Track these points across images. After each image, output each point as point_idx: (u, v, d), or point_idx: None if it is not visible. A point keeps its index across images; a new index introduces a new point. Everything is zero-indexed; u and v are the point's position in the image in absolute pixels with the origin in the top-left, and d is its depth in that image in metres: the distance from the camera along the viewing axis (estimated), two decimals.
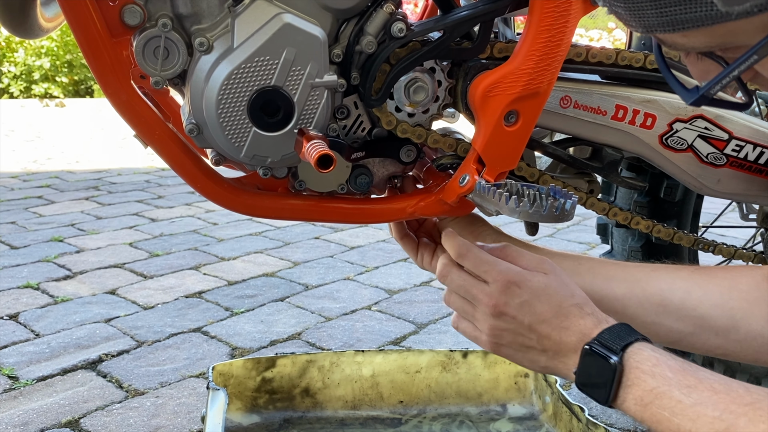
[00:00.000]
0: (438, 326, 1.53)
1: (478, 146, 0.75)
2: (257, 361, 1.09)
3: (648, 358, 0.57)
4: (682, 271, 0.69)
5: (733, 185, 0.92)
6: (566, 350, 0.62)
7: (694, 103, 0.49)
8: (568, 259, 0.74)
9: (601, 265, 0.73)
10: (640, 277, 0.70)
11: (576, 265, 0.73)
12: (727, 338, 0.64)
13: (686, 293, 0.66)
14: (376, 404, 1.13)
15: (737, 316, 0.63)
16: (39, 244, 2.12)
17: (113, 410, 1.15)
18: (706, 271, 0.69)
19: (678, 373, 0.55)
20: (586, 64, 0.81)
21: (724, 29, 0.42)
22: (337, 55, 0.71)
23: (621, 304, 0.69)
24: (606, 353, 0.58)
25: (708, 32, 0.42)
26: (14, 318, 1.54)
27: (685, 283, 0.67)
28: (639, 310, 0.68)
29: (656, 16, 0.42)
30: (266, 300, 1.68)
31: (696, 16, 0.41)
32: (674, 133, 0.86)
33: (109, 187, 3.07)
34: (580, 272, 0.72)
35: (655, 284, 0.68)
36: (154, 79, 0.68)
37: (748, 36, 0.42)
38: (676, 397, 0.53)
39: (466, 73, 0.75)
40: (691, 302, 0.66)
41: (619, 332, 0.59)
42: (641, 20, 0.43)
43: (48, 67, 5.21)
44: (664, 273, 0.70)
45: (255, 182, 0.79)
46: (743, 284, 0.65)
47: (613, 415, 1.16)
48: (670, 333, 0.67)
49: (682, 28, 0.42)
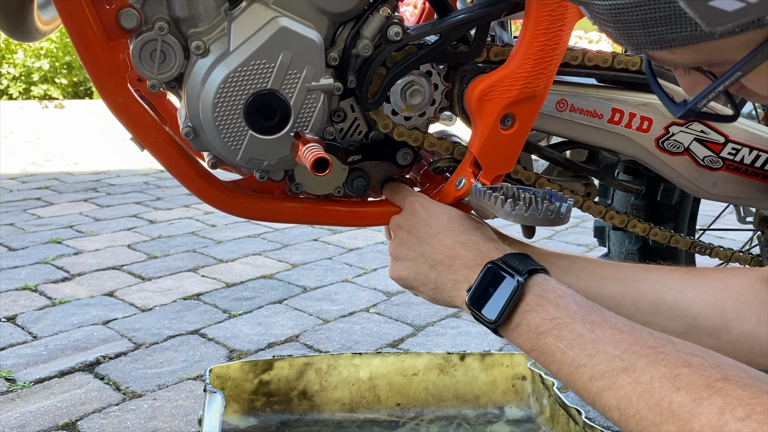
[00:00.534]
0: (436, 329, 1.53)
1: (474, 149, 0.75)
2: (254, 364, 1.09)
3: (554, 288, 0.56)
4: (676, 272, 0.70)
5: (730, 188, 0.92)
6: (458, 265, 0.61)
7: (682, 116, 0.51)
8: (563, 258, 0.75)
9: (596, 264, 0.74)
10: (634, 276, 0.70)
11: (571, 263, 0.74)
12: (719, 339, 0.64)
13: (679, 293, 0.67)
14: (373, 407, 1.13)
15: (729, 317, 0.64)
16: (37, 246, 2.12)
17: (110, 413, 1.15)
18: (700, 272, 0.70)
19: (583, 309, 0.54)
20: (582, 67, 0.82)
21: (709, 47, 0.43)
22: (333, 59, 0.71)
23: (615, 303, 0.69)
24: (510, 272, 0.57)
25: (694, 50, 0.44)
26: (12, 320, 1.54)
27: (678, 284, 0.68)
28: (632, 310, 0.69)
29: (644, 36, 0.44)
30: (264, 302, 1.68)
31: (681, 35, 0.42)
32: (670, 136, 0.86)
33: (107, 188, 3.07)
34: (575, 271, 0.72)
35: (648, 284, 0.69)
36: (151, 82, 0.68)
37: (732, 53, 0.44)
38: (578, 330, 0.52)
39: (463, 76, 0.76)
40: (684, 302, 0.66)
41: (525, 259, 0.59)
42: (630, 39, 0.45)
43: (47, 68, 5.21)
44: (657, 273, 0.70)
45: (252, 185, 0.79)
46: (736, 285, 0.65)
47: None
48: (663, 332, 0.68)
49: (669, 46, 0.44)
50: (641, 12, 0.42)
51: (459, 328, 1.53)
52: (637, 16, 0.43)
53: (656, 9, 0.41)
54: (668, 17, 0.42)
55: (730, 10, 0.40)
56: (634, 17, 0.43)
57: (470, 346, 1.43)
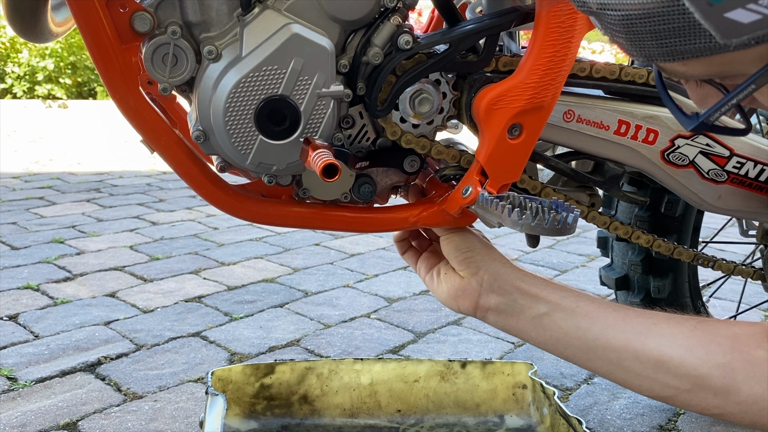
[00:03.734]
0: (437, 335, 1.53)
1: (481, 158, 0.76)
2: (256, 367, 1.10)
3: None
4: (684, 326, 0.66)
5: (734, 202, 0.92)
6: None
7: (694, 129, 0.50)
8: (566, 299, 0.72)
9: (600, 310, 0.70)
10: (641, 330, 0.67)
11: (573, 307, 0.71)
12: (726, 400, 0.61)
13: (687, 351, 0.63)
14: (374, 413, 1.13)
15: (739, 378, 0.60)
16: (39, 246, 2.12)
17: (111, 413, 1.16)
18: (709, 329, 0.65)
19: None
20: (589, 78, 0.82)
21: (722, 59, 0.43)
22: (343, 66, 0.71)
23: (616, 356, 0.67)
24: None
25: (707, 62, 0.44)
26: (14, 319, 1.54)
27: (686, 341, 0.64)
28: (634, 364, 0.66)
29: (656, 47, 0.43)
30: (265, 306, 1.68)
31: (695, 47, 0.42)
32: (676, 149, 0.87)
33: (110, 189, 3.08)
34: (577, 316, 0.70)
35: (655, 340, 0.65)
36: (162, 85, 0.68)
37: (746, 66, 0.43)
38: None
39: (471, 85, 0.76)
40: (693, 361, 0.63)
41: None
42: (642, 50, 0.44)
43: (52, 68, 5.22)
44: (665, 328, 0.66)
45: (259, 189, 0.79)
46: (745, 344, 0.62)
47: (610, 428, 1.17)
48: (665, 388, 0.65)
49: (681, 58, 0.43)
50: (654, 23, 0.42)
51: (460, 336, 1.53)
52: (650, 27, 0.42)
53: (670, 20, 0.41)
54: (682, 28, 0.41)
55: (746, 22, 0.39)
56: (646, 28, 0.42)
57: (471, 354, 1.43)
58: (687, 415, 1.21)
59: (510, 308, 0.74)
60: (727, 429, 1.17)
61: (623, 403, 1.24)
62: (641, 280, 1.23)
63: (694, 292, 1.25)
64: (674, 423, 1.19)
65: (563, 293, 0.73)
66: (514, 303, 0.74)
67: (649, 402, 1.25)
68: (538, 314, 0.72)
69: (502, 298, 0.74)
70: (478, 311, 0.76)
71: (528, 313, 0.73)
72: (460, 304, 0.77)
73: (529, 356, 1.41)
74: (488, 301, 0.75)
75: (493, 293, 0.75)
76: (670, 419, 1.20)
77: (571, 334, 0.70)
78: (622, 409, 1.23)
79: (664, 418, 1.20)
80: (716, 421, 1.19)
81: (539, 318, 0.72)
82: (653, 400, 1.25)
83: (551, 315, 0.72)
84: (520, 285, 0.74)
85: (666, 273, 1.20)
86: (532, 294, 0.73)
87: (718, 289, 1.60)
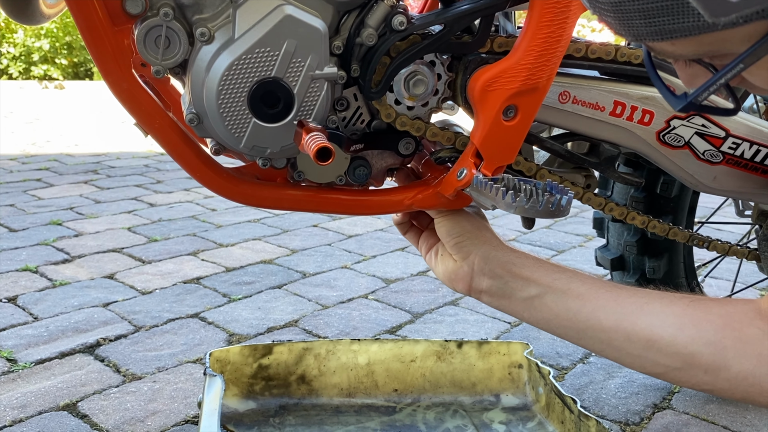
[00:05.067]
0: (434, 316, 1.54)
1: (476, 140, 0.75)
2: (254, 348, 1.10)
3: None
4: (677, 305, 0.66)
5: (729, 183, 0.92)
6: None
7: (682, 109, 0.50)
8: (558, 280, 0.72)
9: (592, 291, 0.71)
10: (632, 310, 0.67)
11: (565, 288, 0.71)
12: (716, 376, 0.62)
13: (678, 330, 0.64)
14: (371, 392, 1.14)
15: (729, 356, 0.61)
16: (38, 227, 2.12)
17: (111, 394, 1.17)
18: (701, 306, 0.65)
19: None
20: (585, 59, 0.82)
21: (711, 38, 0.43)
22: (337, 47, 0.71)
23: (607, 336, 0.68)
24: None
25: (695, 41, 0.44)
26: (13, 301, 1.55)
27: (678, 320, 0.65)
28: (625, 344, 0.67)
29: (644, 26, 0.43)
30: (264, 287, 1.69)
31: (683, 26, 0.42)
32: (671, 129, 0.87)
33: (107, 171, 3.07)
34: (568, 297, 0.71)
35: (645, 319, 0.66)
36: (155, 68, 0.68)
37: (734, 45, 0.43)
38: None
39: (466, 67, 0.76)
40: (683, 340, 0.63)
41: None
42: (630, 30, 0.44)
43: (47, 48, 5.19)
44: (657, 307, 0.67)
45: (254, 172, 0.79)
46: (737, 322, 0.62)
47: (605, 406, 1.18)
48: (656, 366, 0.66)
49: (670, 37, 0.43)
50: (643, 2, 0.42)
51: (457, 316, 1.54)
52: (639, 5, 0.42)
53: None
54: (670, 7, 0.41)
55: (734, 1, 0.39)
56: (635, 7, 0.42)
57: (468, 334, 1.44)
58: (681, 393, 1.22)
59: (501, 291, 0.75)
60: (721, 407, 1.18)
61: (618, 382, 1.26)
62: (636, 261, 1.23)
63: (690, 272, 1.26)
64: (668, 401, 1.20)
65: (555, 274, 0.73)
66: (506, 286, 0.74)
67: (644, 381, 1.26)
68: (529, 296, 0.73)
69: (494, 281, 0.75)
70: (473, 293, 0.77)
71: (519, 295, 0.74)
72: (455, 286, 0.78)
73: (526, 336, 1.42)
74: (480, 284, 0.76)
75: (485, 276, 0.75)
76: (665, 398, 1.21)
77: (562, 315, 0.71)
78: (617, 388, 1.24)
79: (658, 396, 1.22)
80: (710, 398, 1.21)
81: (530, 300, 0.73)
82: (648, 379, 1.26)
83: (542, 297, 0.72)
84: (510, 268, 0.75)
85: (661, 253, 1.21)
86: (524, 276, 0.74)
87: (713, 269, 1.61)
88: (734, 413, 1.17)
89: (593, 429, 0.94)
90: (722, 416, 1.16)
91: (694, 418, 1.15)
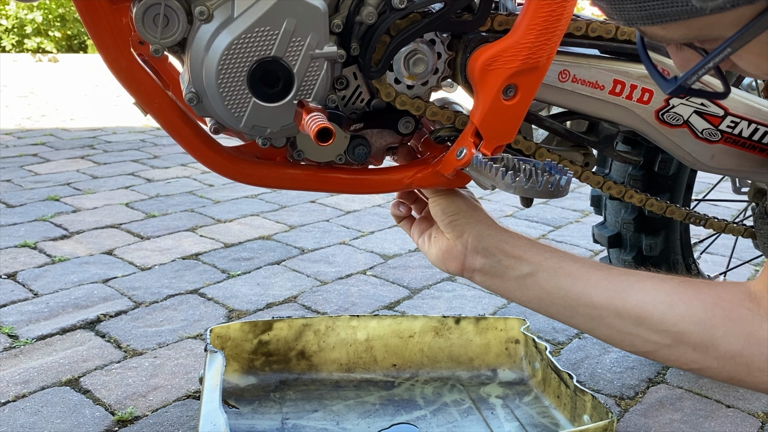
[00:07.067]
0: (432, 292, 1.55)
1: (476, 119, 0.75)
2: (254, 324, 1.12)
3: None
4: (668, 284, 0.67)
5: (727, 161, 0.93)
6: None
7: (672, 92, 0.51)
8: (550, 260, 0.73)
9: (583, 270, 0.71)
10: (623, 287, 0.68)
11: (556, 267, 0.72)
12: (705, 354, 0.63)
13: (668, 308, 0.65)
14: (369, 367, 1.15)
15: (718, 335, 0.62)
16: (35, 203, 2.12)
17: (112, 369, 1.18)
18: (692, 286, 0.66)
19: None
20: (585, 38, 0.81)
21: (700, 23, 0.44)
22: (337, 26, 0.70)
23: (598, 313, 0.68)
24: None
25: (685, 25, 0.45)
26: (12, 277, 1.55)
27: (668, 297, 0.65)
28: (616, 321, 0.67)
29: (636, 10, 0.44)
30: (262, 263, 1.70)
31: (673, 11, 0.43)
32: (670, 108, 0.87)
33: (104, 145, 3.06)
34: (560, 276, 0.71)
35: (636, 296, 0.67)
36: (154, 47, 0.68)
37: (723, 29, 0.44)
38: None
39: (466, 45, 0.75)
40: (673, 317, 0.64)
41: None
42: (622, 13, 0.46)
43: (40, 20, 5.12)
44: (648, 284, 0.68)
45: (253, 151, 0.79)
46: (727, 302, 0.63)
47: (601, 381, 1.20)
48: (646, 344, 0.67)
49: (660, 21, 0.44)
50: None
51: (454, 292, 1.55)
52: None
53: None
54: None
55: None
56: None
57: (465, 310, 1.46)
58: (675, 369, 1.24)
59: (494, 269, 0.75)
60: (714, 381, 1.20)
61: (613, 357, 1.27)
62: (633, 238, 1.24)
63: (686, 249, 1.27)
64: (663, 376, 1.22)
65: (547, 254, 0.74)
66: (498, 264, 0.75)
67: (638, 356, 1.28)
68: (521, 275, 0.74)
69: (487, 259, 0.75)
70: (465, 272, 0.78)
71: (512, 274, 0.74)
72: (448, 265, 0.79)
73: (522, 312, 1.44)
74: (473, 263, 0.76)
75: (478, 255, 0.76)
76: (659, 372, 1.23)
77: (553, 293, 0.71)
78: (612, 362, 1.26)
79: (653, 371, 1.24)
80: None
81: (523, 278, 0.74)
82: None
83: (534, 275, 0.73)
84: (503, 247, 0.75)
85: (658, 231, 1.22)
86: (516, 255, 0.74)
87: (710, 245, 1.62)
88: (727, 387, 1.19)
89: (588, 403, 0.96)
90: (715, 390, 1.18)
91: (688, 392, 1.17)
